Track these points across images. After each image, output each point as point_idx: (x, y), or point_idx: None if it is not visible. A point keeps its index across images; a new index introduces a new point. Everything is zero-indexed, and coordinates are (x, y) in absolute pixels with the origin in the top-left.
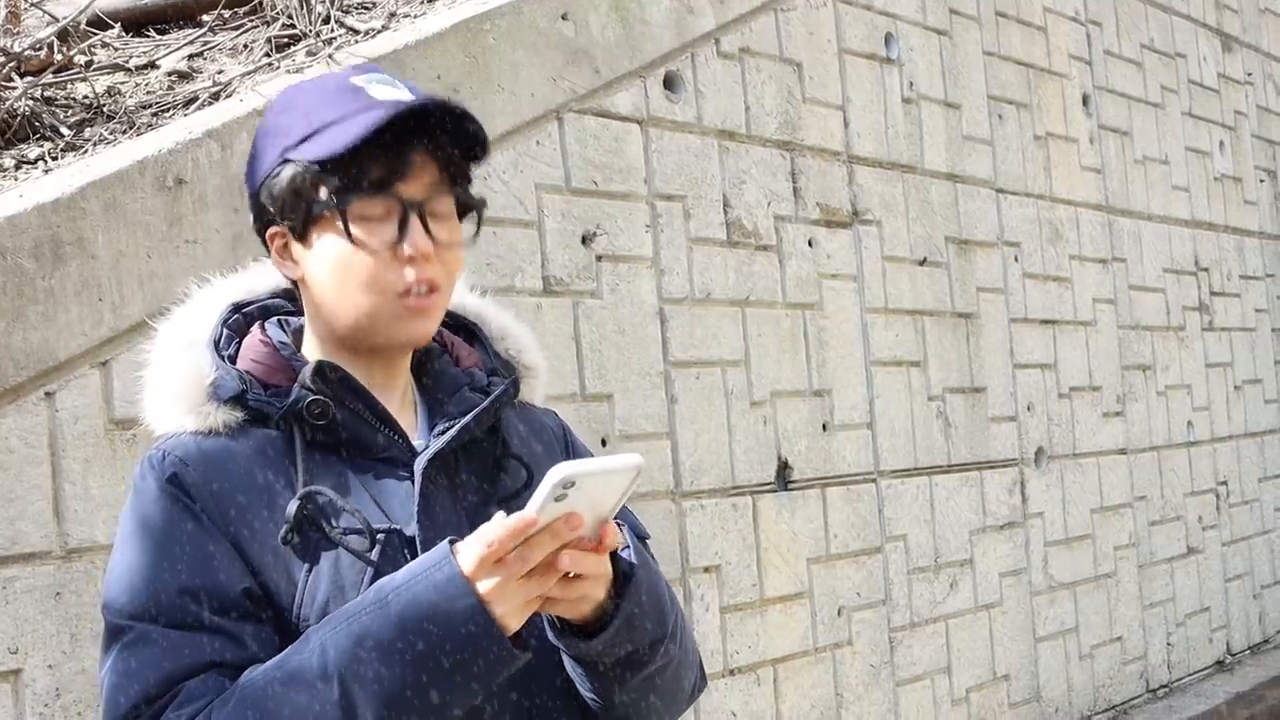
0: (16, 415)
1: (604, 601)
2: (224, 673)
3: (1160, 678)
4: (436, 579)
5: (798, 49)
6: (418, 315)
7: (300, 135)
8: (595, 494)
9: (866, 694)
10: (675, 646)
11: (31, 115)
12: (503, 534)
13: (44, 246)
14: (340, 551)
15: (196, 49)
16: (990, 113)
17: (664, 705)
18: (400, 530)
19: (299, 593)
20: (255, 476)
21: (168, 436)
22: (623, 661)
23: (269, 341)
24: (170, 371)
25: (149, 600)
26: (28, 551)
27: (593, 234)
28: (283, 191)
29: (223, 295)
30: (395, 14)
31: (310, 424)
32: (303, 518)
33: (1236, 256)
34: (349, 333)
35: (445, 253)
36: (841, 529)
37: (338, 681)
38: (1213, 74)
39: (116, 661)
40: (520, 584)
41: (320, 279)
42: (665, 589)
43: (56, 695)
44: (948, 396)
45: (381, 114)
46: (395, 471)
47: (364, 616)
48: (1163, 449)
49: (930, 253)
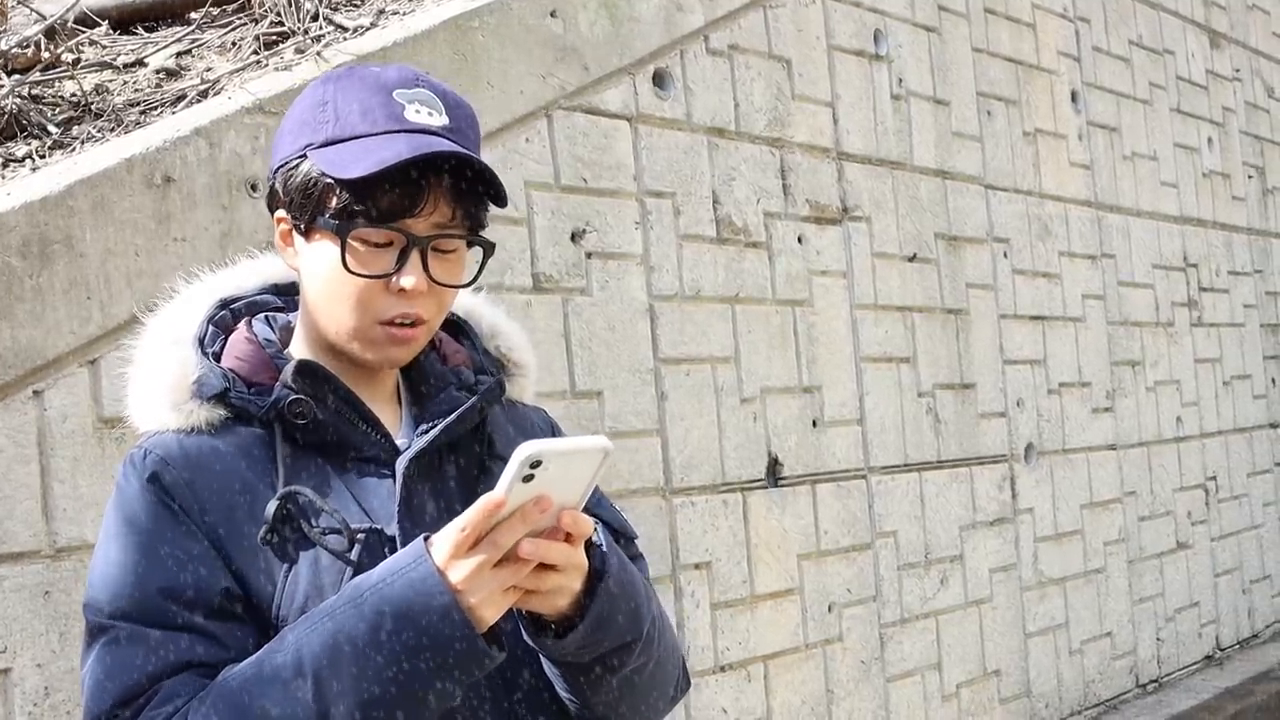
0: (5, 414)
1: (579, 598)
2: (202, 672)
3: (1150, 673)
4: (412, 577)
5: (787, 46)
6: (397, 343)
7: (325, 137)
8: (564, 476)
9: (857, 690)
10: (654, 646)
11: (19, 113)
12: (474, 516)
13: (32, 245)
14: (320, 551)
15: (184, 47)
16: (979, 109)
17: (644, 707)
18: (381, 530)
19: (278, 592)
20: (237, 475)
21: (150, 434)
22: (599, 661)
23: (254, 339)
24: (155, 368)
25: (129, 599)
26: (16, 550)
27: (582, 231)
28: (295, 187)
29: (210, 291)
30: (384, 11)
31: (292, 423)
32: (282, 517)
33: (1225, 252)
34: (331, 340)
35: (441, 290)
36: (832, 525)
37: (311, 680)
38: (1201, 70)
39: (96, 660)
40: (493, 572)
41: (313, 281)
42: (642, 586)
43: (45, 694)
44: (937, 393)
45: (403, 150)
46: (378, 470)
47: (339, 614)
48: (1152, 444)
49: (920, 249)
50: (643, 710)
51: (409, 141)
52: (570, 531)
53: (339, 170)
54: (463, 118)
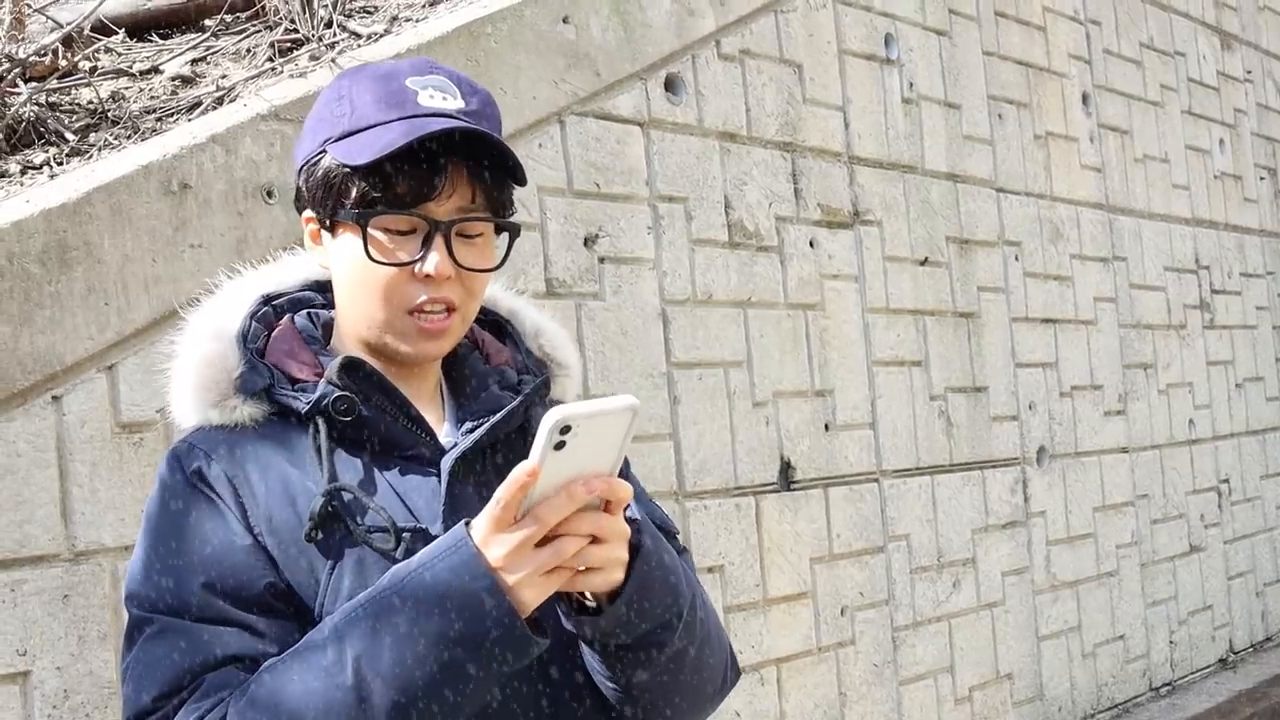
0: (24, 419)
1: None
2: (245, 666)
3: (1163, 676)
4: (453, 561)
5: (798, 50)
6: (429, 335)
7: (342, 130)
8: (594, 441)
9: (870, 693)
10: (696, 630)
11: (36, 121)
12: (508, 489)
13: (50, 251)
14: (364, 549)
15: (200, 54)
16: (990, 112)
17: (689, 697)
18: (426, 529)
19: (322, 589)
20: (280, 472)
21: (193, 429)
22: (640, 643)
23: (297, 335)
24: (197, 364)
25: (172, 593)
26: (36, 554)
27: (595, 236)
28: (316, 183)
29: (252, 287)
30: (397, 18)
31: (336, 420)
32: (327, 514)
33: (1237, 254)
34: (365, 336)
35: (469, 275)
36: (844, 528)
37: (352, 668)
38: (1212, 72)
39: (139, 653)
40: (535, 552)
41: (341, 276)
42: (679, 565)
43: (65, 697)
44: (949, 396)
45: (412, 132)
46: (421, 469)
47: (379, 601)
48: (1164, 447)
49: (931, 252)
50: (688, 701)
51: (422, 124)
52: (608, 499)
53: (353, 158)
54: (479, 101)
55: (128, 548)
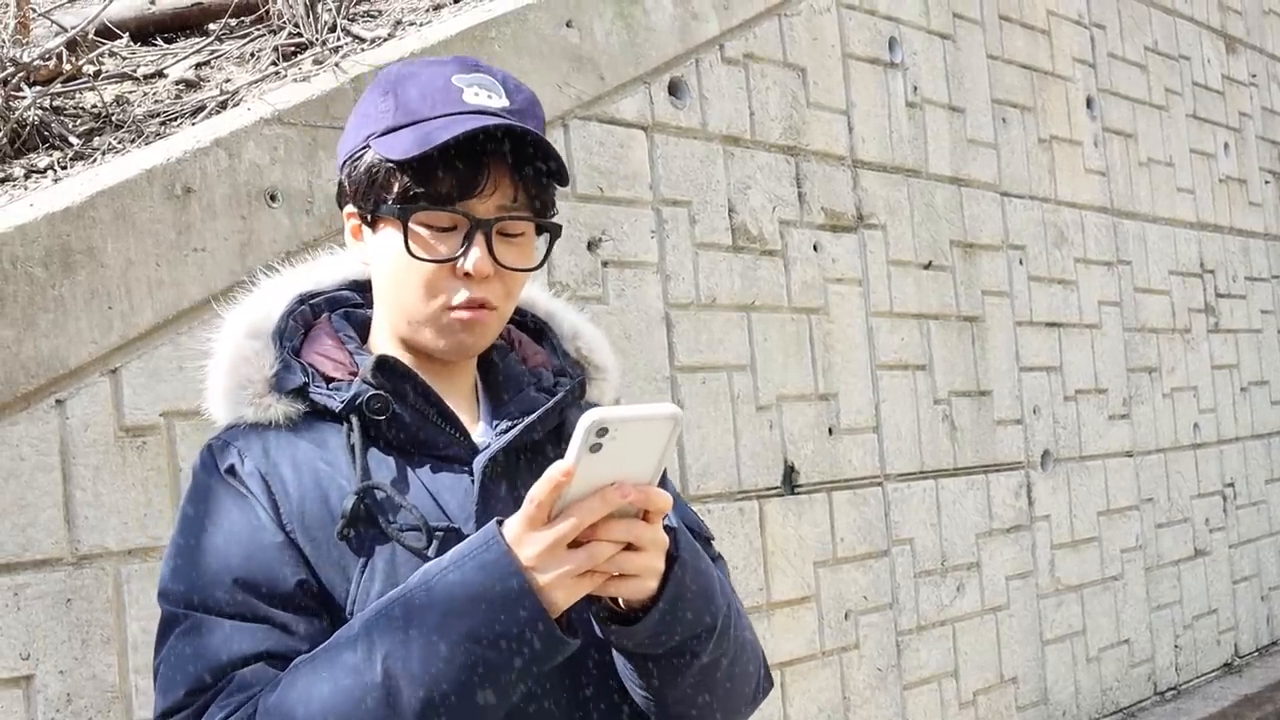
0: (27, 423)
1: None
2: (275, 663)
3: (1168, 680)
4: (484, 559)
5: (801, 54)
6: (465, 329)
7: (386, 125)
8: (633, 447)
9: (874, 697)
10: (729, 638)
11: (40, 125)
12: (542, 488)
13: (54, 255)
14: (396, 548)
15: (204, 58)
16: (994, 116)
17: (723, 706)
18: (458, 529)
19: (353, 587)
20: (313, 470)
21: (227, 427)
22: (674, 652)
23: (334, 334)
24: (233, 362)
25: (204, 589)
26: (39, 558)
27: (598, 240)
28: (359, 177)
29: (290, 286)
30: (401, 22)
31: (370, 419)
32: (359, 513)
33: (1242, 258)
34: (404, 332)
35: (508, 274)
36: (848, 532)
37: (381, 665)
38: (1217, 76)
39: (170, 649)
40: (568, 553)
41: (381, 272)
42: (714, 576)
43: (68, 701)
44: (953, 400)
45: (456, 128)
46: (455, 468)
47: (408, 599)
48: (1169, 451)
49: (935, 256)
50: (722, 711)
51: (466, 121)
52: (647, 509)
53: (397, 152)
54: (523, 100)
55: (131, 551)
